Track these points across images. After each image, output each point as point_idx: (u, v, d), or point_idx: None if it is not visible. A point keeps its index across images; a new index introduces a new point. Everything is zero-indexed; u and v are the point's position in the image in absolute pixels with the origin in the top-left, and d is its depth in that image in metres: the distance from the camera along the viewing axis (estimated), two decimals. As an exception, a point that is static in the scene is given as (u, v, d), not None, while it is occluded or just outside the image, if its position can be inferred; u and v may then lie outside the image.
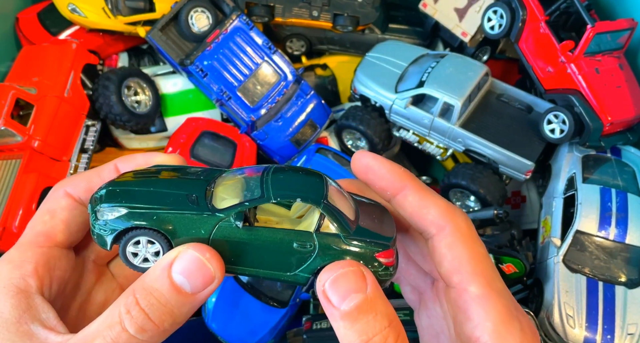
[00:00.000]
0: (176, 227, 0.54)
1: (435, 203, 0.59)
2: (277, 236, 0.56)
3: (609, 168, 1.67)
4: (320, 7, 1.99)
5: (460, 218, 0.58)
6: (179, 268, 0.51)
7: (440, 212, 0.58)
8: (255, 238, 0.55)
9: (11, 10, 2.07)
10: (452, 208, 0.59)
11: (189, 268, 0.51)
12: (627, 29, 1.64)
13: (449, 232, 0.57)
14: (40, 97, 1.72)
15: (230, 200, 0.56)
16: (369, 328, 0.49)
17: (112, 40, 2.08)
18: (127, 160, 0.63)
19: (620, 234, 1.53)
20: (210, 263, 0.52)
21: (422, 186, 0.61)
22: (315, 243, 0.56)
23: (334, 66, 2.25)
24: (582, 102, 1.63)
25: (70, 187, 0.62)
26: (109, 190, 0.57)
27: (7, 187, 1.65)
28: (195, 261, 0.51)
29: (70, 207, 0.61)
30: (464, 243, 0.56)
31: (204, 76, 1.89)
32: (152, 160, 0.63)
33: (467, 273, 0.55)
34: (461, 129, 1.77)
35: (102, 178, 0.62)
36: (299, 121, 2.03)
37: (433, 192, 0.61)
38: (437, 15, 1.98)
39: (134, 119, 1.89)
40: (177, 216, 0.54)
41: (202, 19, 1.93)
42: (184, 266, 0.51)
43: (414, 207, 0.59)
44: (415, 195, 0.59)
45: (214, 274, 0.52)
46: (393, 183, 0.60)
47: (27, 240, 0.60)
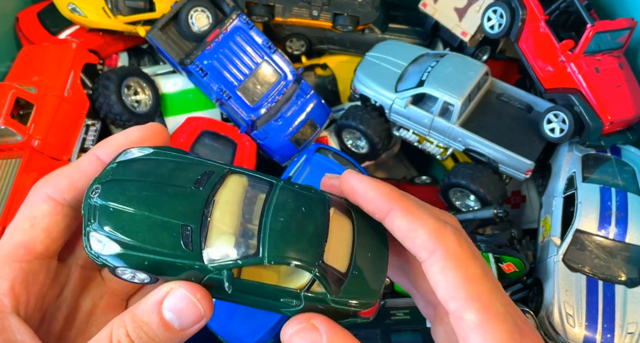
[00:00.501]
0: (166, 272, 0.53)
1: (423, 225, 0.55)
2: (264, 291, 0.55)
3: (609, 167, 1.67)
4: (320, 7, 1.99)
5: (451, 239, 0.54)
6: (169, 305, 0.51)
7: (429, 235, 0.54)
8: (242, 288, 0.55)
9: (11, 9, 2.07)
10: (442, 228, 0.55)
11: (180, 306, 0.51)
12: (626, 28, 1.64)
13: (440, 255, 0.53)
14: (40, 97, 1.72)
15: (225, 237, 0.53)
16: None
17: (112, 39, 2.08)
18: (106, 146, 0.58)
19: (620, 233, 1.53)
20: (200, 303, 0.52)
21: (410, 206, 0.57)
22: (302, 302, 0.55)
23: (334, 66, 2.25)
24: (582, 102, 1.63)
25: (51, 188, 0.57)
26: (103, 206, 0.52)
27: (7, 187, 1.65)
28: (186, 300, 0.51)
29: (53, 212, 0.56)
30: (456, 267, 0.53)
31: (204, 75, 1.90)
32: (132, 138, 0.58)
33: (462, 300, 0.51)
34: (461, 129, 1.77)
35: (84, 172, 0.57)
36: (298, 121, 2.03)
37: (422, 211, 0.57)
38: (437, 15, 1.99)
39: (134, 119, 1.89)
40: (169, 263, 0.52)
41: (202, 19, 1.93)
42: (174, 304, 0.51)
43: (403, 231, 0.56)
44: (403, 219, 0.56)
45: (204, 314, 0.52)
46: (380, 206, 0.57)
47: (4, 254, 0.55)
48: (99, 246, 0.52)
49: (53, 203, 0.56)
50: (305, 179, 1.85)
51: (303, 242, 0.54)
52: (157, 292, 0.52)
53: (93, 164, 0.58)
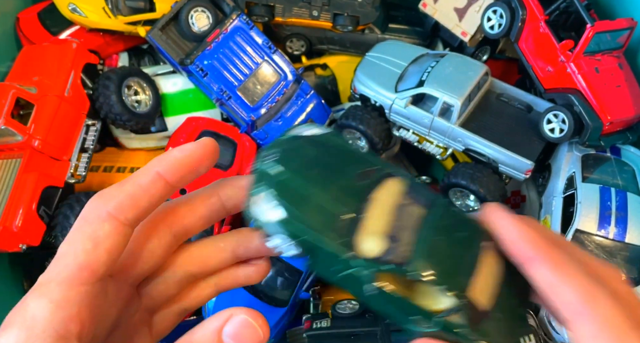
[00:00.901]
0: (315, 253, 0.52)
1: (571, 282, 0.50)
2: (400, 303, 0.52)
3: (609, 167, 1.68)
4: (320, 7, 1.99)
5: (606, 305, 0.48)
6: (229, 332, 0.49)
7: (578, 296, 0.49)
8: (378, 294, 0.52)
9: (11, 9, 2.07)
10: (595, 289, 0.49)
11: (240, 332, 0.49)
12: (626, 28, 1.64)
13: (589, 322, 0.48)
14: (41, 97, 1.72)
15: (376, 238, 0.51)
16: None
17: (113, 39, 2.08)
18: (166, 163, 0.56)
19: (620, 233, 1.53)
20: (261, 330, 0.50)
21: (559, 258, 0.51)
22: (434, 327, 0.52)
23: (334, 66, 2.25)
24: (582, 102, 1.63)
25: (114, 207, 0.53)
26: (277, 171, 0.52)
27: (7, 187, 1.65)
28: (247, 326, 0.49)
29: (116, 233, 0.53)
30: (610, 339, 0.47)
31: (204, 76, 1.90)
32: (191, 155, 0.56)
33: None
34: (461, 129, 1.77)
35: (147, 191, 0.54)
36: (299, 121, 2.03)
37: (573, 266, 0.51)
38: (437, 15, 1.99)
39: (134, 119, 1.89)
40: (321, 244, 0.51)
41: (202, 19, 1.93)
42: (235, 330, 0.49)
43: (546, 284, 0.51)
44: (547, 271, 0.51)
45: (263, 340, 0.50)
46: (522, 251, 0.53)
47: (69, 275, 0.51)
48: (263, 208, 0.51)
49: (115, 223, 0.53)
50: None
51: (455, 268, 0.52)
52: (216, 318, 0.50)
53: (156, 183, 0.55)
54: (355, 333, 1.41)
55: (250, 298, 1.74)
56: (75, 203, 1.70)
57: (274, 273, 1.75)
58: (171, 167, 0.55)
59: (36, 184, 1.65)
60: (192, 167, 0.56)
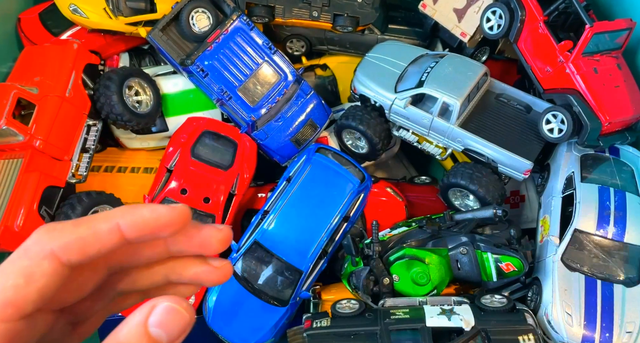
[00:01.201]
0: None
1: None
2: None
3: (608, 167, 1.68)
4: (321, 8, 2.00)
5: None
6: (155, 321, 0.48)
7: None
8: None
9: (13, 10, 2.08)
10: None
11: (165, 319, 0.49)
12: (625, 29, 1.65)
13: None
14: (42, 97, 1.73)
15: None
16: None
17: (113, 40, 2.09)
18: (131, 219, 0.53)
19: (619, 233, 1.54)
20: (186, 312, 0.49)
21: None
22: None
23: (334, 66, 2.26)
24: (581, 102, 1.64)
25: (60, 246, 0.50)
26: None
27: (8, 186, 1.66)
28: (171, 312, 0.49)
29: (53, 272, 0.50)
30: None
31: (205, 76, 1.91)
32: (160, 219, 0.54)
33: None
34: (460, 129, 1.78)
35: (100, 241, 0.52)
36: (299, 121, 2.04)
37: None
38: (437, 15, 1.99)
39: (135, 119, 1.90)
40: None
41: (203, 20, 1.94)
42: (160, 319, 0.49)
43: None
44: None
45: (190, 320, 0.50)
46: None
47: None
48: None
49: (55, 263, 0.50)
50: (306, 179, 1.86)
51: None
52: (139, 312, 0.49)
53: (112, 235, 0.52)
54: (355, 332, 1.42)
55: (251, 298, 1.75)
56: (77, 203, 1.71)
57: (274, 272, 1.76)
58: (134, 224, 0.53)
59: (37, 184, 1.65)
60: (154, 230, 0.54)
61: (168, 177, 1.85)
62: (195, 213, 1.81)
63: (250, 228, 1.81)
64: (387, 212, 2.01)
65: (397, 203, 2.04)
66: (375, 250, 1.64)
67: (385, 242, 1.72)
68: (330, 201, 1.82)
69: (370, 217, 1.94)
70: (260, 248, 1.76)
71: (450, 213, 1.75)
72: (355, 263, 1.69)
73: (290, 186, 1.82)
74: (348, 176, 1.87)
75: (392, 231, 1.80)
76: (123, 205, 1.84)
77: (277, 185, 1.89)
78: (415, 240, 1.68)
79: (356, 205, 1.87)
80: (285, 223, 1.78)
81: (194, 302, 1.80)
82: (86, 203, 1.72)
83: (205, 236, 0.57)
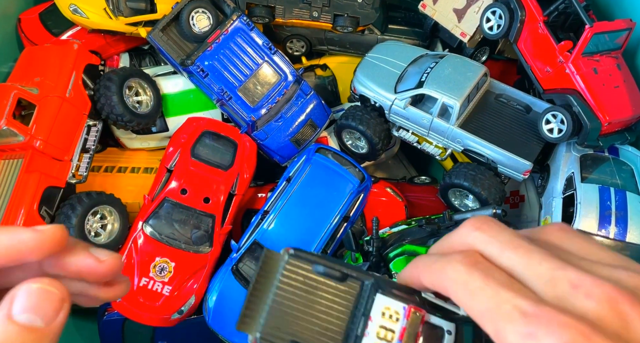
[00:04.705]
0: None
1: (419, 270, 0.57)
2: None
3: (607, 167, 1.68)
4: (321, 8, 2.00)
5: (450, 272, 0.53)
6: (20, 308, 0.45)
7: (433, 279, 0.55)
8: None
9: (13, 11, 2.08)
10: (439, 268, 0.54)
11: (31, 302, 0.45)
12: (624, 29, 1.65)
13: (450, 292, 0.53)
14: (42, 97, 1.73)
15: None
16: None
17: (114, 40, 2.09)
18: None
19: (620, 233, 1.54)
20: (53, 287, 0.46)
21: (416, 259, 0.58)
22: None
23: (334, 66, 2.26)
24: (581, 102, 1.64)
25: None
26: None
27: (9, 187, 1.66)
28: (35, 293, 0.45)
29: None
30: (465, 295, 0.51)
31: (205, 76, 1.91)
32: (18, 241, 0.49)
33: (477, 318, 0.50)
34: (460, 129, 1.78)
35: None
36: (299, 121, 2.04)
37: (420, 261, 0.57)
38: (437, 16, 1.99)
39: (135, 119, 1.90)
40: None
41: (203, 20, 1.94)
42: (24, 304, 0.45)
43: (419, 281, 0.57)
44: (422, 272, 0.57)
45: (63, 296, 0.46)
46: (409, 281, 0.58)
47: None
48: None
49: None
50: (306, 179, 1.86)
51: None
52: (1, 306, 0.46)
53: None
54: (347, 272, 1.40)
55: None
56: (77, 203, 1.71)
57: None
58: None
59: (38, 184, 1.65)
60: (16, 257, 0.49)
61: (168, 177, 1.85)
62: (195, 213, 1.82)
63: (250, 228, 1.81)
64: (387, 212, 2.01)
65: (397, 204, 2.04)
66: (375, 246, 1.65)
67: (385, 239, 1.73)
68: (330, 201, 1.82)
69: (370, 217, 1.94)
70: (260, 248, 1.77)
71: (450, 213, 1.75)
72: (355, 259, 1.69)
73: (290, 186, 1.83)
74: (348, 176, 1.87)
75: (391, 229, 1.81)
76: (123, 205, 1.85)
77: (277, 185, 1.89)
78: (415, 238, 1.68)
79: (356, 205, 1.87)
80: (285, 223, 1.78)
81: (194, 302, 1.80)
82: (86, 204, 1.72)
83: (82, 266, 0.52)
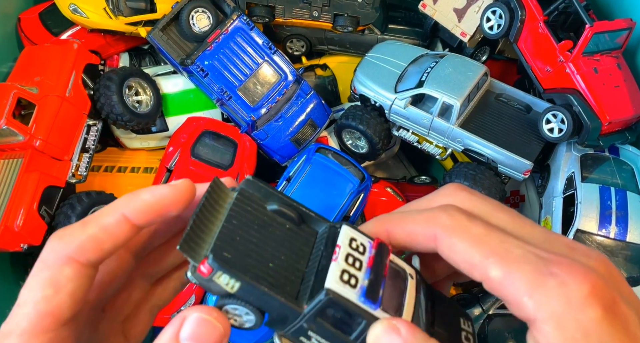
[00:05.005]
0: None
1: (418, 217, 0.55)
2: None
3: (608, 167, 1.68)
4: (321, 8, 2.00)
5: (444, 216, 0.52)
6: (187, 334, 0.48)
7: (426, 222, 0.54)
8: None
9: (13, 10, 2.08)
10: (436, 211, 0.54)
11: (198, 332, 0.48)
12: (625, 28, 1.65)
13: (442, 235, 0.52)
14: (42, 97, 1.73)
15: None
16: None
17: (114, 40, 2.09)
18: (133, 205, 0.53)
19: (621, 232, 1.54)
20: (218, 322, 0.49)
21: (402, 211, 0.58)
22: None
23: (334, 66, 2.26)
24: (581, 102, 1.64)
25: (74, 250, 0.51)
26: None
27: (8, 187, 1.65)
28: (203, 323, 0.49)
29: (78, 275, 0.51)
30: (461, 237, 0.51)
31: (205, 76, 1.90)
32: (164, 198, 0.53)
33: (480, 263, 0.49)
34: (460, 129, 1.78)
35: (111, 235, 0.52)
36: (299, 121, 2.04)
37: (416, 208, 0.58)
38: (437, 15, 1.99)
39: (135, 119, 1.90)
40: None
41: (203, 19, 1.94)
42: (192, 331, 0.48)
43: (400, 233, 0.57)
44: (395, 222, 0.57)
45: (224, 333, 0.49)
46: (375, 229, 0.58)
47: (29, 326, 0.49)
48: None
49: (77, 266, 0.51)
50: (305, 179, 1.86)
51: None
52: (171, 325, 0.49)
53: (121, 226, 0.52)
54: None
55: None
56: (77, 203, 1.70)
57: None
58: (138, 210, 0.53)
59: (37, 184, 1.65)
60: (161, 212, 0.54)
61: (168, 177, 1.85)
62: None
63: (250, 228, 1.80)
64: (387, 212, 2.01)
65: (397, 203, 2.04)
66: None
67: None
68: (330, 201, 1.82)
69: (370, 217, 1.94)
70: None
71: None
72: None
73: (290, 186, 1.82)
74: (348, 176, 1.87)
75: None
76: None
77: (277, 185, 1.89)
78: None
79: (356, 204, 1.87)
80: (285, 223, 1.78)
81: (194, 302, 1.80)
82: (86, 203, 1.72)
83: None
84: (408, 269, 0.56)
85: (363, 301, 0.49)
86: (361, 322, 0.50)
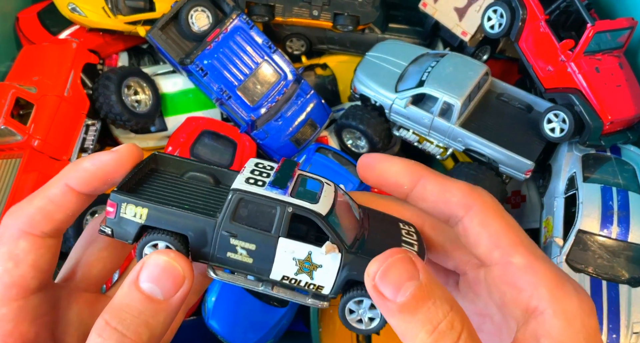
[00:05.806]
0: None
1: (456, 185, 0.57)
2: None
3: (609, 167, 1.67)
4: (321, 7, 1.99)
5: (486, 196, 0.56)
6: (145, 276, 0.49)
7: (464, 192, 0.55)
8: None
9: (11, 9, 2.07)
10: (474, 187, 0.57)
11: (156, 273, 0.49)
12: (627, 28, 1.64)
13: (479, 209, 0.54)
14: (41, 96, 1.72)
15: None
16: (432, 316, 0.45)
17: (112, 39, 2.08)
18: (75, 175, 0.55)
19: (623, 233, 1.53)
20: (177, 262, 0.50)
21: (439, 174, 0.59)
22: None
23: (334, 66, 2.25)
24: (582, 101, 1.63)
25: (25, 223, 0.53)
26: None
27: (7, 186, 1.64)
28: (161, 264, 0.49)
29: (36, 247, 0.53)
30: (496, 218, 0.53)
31: (204, 75, 1.89)
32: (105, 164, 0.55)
33: (507, 246, 0.52)
34: (461, 129, 1.77)
35: (58, 205, 0.54)
36: (299, 120, 2.03)
37: (451, 177, 0.60)
38: (437, 14, 1.99)
39: (134, 119, 1.89)
40: None
41: (202, 18, 1.93)
42: (150, 273, 0.49)
43: (436, 194, 0.57)
44: (435, 182, 0.57)
45: (184, 274, 0.50)
46: (408, 177, 0.58)
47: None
48: None
49: (32, 238, 0.53)
50: (306, 179, 1.85)
51: None
52: (130, 273, 0.50)
53: (67, 195, 0.54)
54: None
55: (251, 298, 1.74)
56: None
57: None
58: (80, 179, 0.54)
59: (36, 184, 1.64)
60: (104, 179, 0.55)
61: (167, 177, 1.84)
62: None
63: (250, 229, 1.80)
64: (388, 212, 2.00)
65: (398, 204, 2.03)
66: None
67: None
68: (330, 201, 1.81)
69: (370, 217, 1.93)
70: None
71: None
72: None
73: (290, 186, 1.81)
74: (348, 176, 1.86)
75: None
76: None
77: (277, 185, 1.87)
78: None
79: (356, 205, 1.86)
80: (285, 223, 1.77)
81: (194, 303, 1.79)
82: (85, 204, 1.71)
83: None
84: (324, 180, 0.60)
85: (270, 189, 0.53)
86: (275, 210, 0.53)
